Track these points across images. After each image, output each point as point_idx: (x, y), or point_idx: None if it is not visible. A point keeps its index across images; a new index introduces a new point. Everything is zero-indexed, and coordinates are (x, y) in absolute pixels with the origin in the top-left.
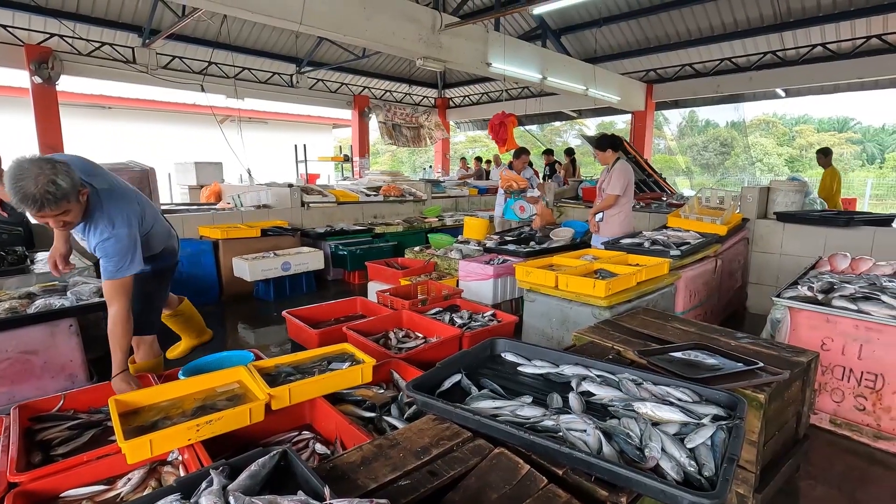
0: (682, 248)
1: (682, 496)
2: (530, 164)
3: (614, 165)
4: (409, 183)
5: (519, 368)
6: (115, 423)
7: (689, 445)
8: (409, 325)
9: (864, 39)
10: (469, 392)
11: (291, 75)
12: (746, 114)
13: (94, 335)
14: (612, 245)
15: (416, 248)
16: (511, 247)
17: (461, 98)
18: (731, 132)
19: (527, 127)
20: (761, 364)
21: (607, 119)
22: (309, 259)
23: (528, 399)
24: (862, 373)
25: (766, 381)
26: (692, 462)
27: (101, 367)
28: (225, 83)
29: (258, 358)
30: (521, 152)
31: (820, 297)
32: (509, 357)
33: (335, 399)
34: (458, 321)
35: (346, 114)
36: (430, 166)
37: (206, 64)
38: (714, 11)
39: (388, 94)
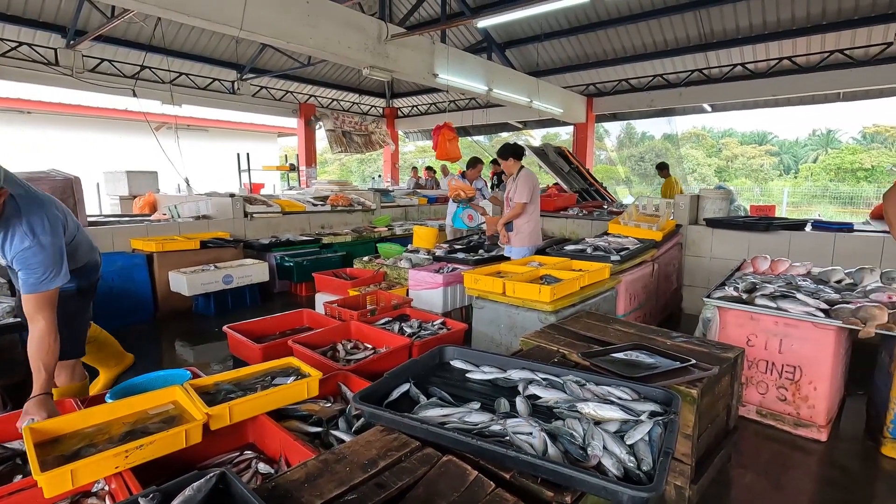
0: (622, 253)
1: (622, 491)
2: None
3: (519, 174)
4: (357, 192)
5: (467, 375)
6: (30, 453)
7: (629, 442)
8: (357, 336)
9: (777, 61)
10: (418, 401)
11: (233, 82)
12: (678, 127)
13: (10, 359)
14: (557, 252)
15: (366, 258)
16: (460, 255)
17: (409, 108)
18: (666, 144)
19: (475, 138)
20: (694, 361)
21: (553, 130)
22: (252, 271)
23: (476, 405)
24: (783, 366)
25: (698, 377)
26: (632, 458)
27: (17, 394)
28: (160, 88)
29: (196, 376)
30: (476, 162)
31: (744, 296)
32: (458, 364)
33: (280, 416)
34: (408, 330)
35: (292, 122)
36: (379, 176)
37: (139, 68)
38: (646, 31)
39: (335, 102)
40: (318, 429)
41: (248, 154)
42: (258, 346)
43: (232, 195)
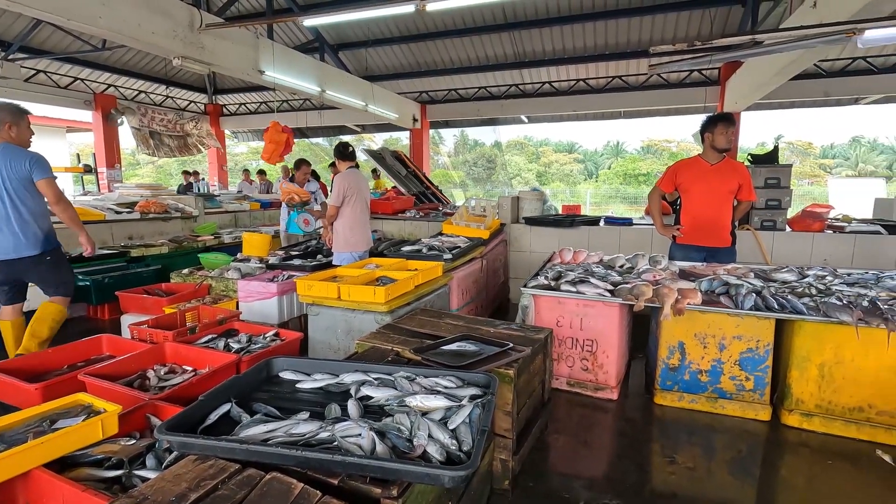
0: (454, 251)
1: (442, 474)
2: (317, 177)
3: (336, 175)
4: (175, 197)
5: (297, 385)
6: None
7: (451, 426)
8: (174, 359)
9: (575, 81)
10: (240, 421)
11: None
12: (504, 136)
13: None
14: (394, 253)
15: (185, 271)
16: (296, 262)
17: (236, 105)
18: (494, 150)
19: (313, 140)
20: (511, 345)
21: (395, 135)
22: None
23: (305, 415)
24: (584, 340)
25: (514, 359)
26: (454, 441)
27: None
28: None
29: None
30: (301, 163)
31: (552, 284)
32: (287, 375)
33: (66, 465)
34: (235, 346)
35: (86, 115)
36: (204, 179)
37: None
38: (470, 46)
39: (142, 95)
40: (119, 471)
41: None
42: (34, 386)
43: None
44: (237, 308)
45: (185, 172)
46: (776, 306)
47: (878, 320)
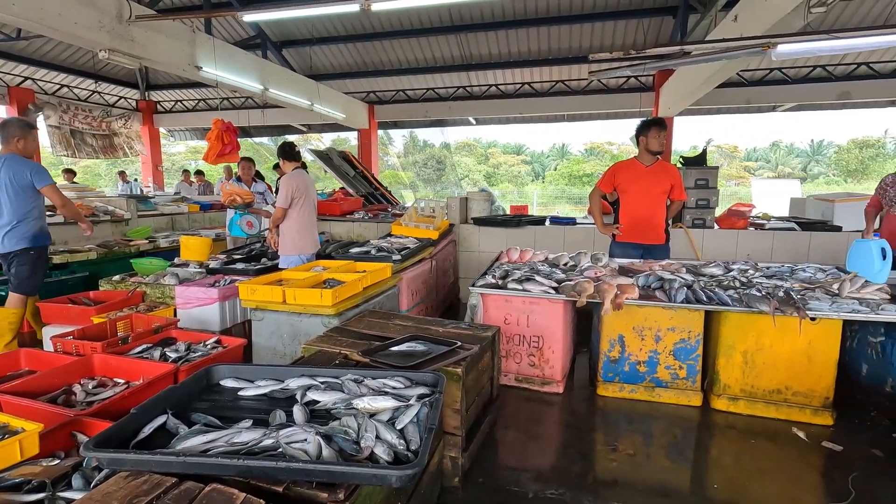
0: (403, 252)
1: (389, 474)
2: (261, 178)
3: (282, 176)
4: (104, 199)
5: (240, 393)
6: None
7: (399, 426)
8: (104, 371)
9: (521, 85)
10: (177, 433)
11: None
12: (452, 137)
13: None
14: (342, 255)
15: (116, 278)
16: (240, 265)
17: (172, 102)
18: (444, 152)
19: (257, 139)
20: (459, 343)
21: (343, 135)
22: None
23: (248, 423)
24: (530, 337)
25: (462, 357)
26: (401, 441)
27: None
28: None
29: None
30: (243, 161)
31: (500, 282)
32: (229, 383)
33: None
34: (173, 355)
35: None
36: (136, 180)
37: None
38: (417, 46)
39: (64, 89)
40: (40, 495)
41: None
42: None
43: None
44: (175, 315)
45: (122, 173)
46: (705, 299)
47: (791, 309)
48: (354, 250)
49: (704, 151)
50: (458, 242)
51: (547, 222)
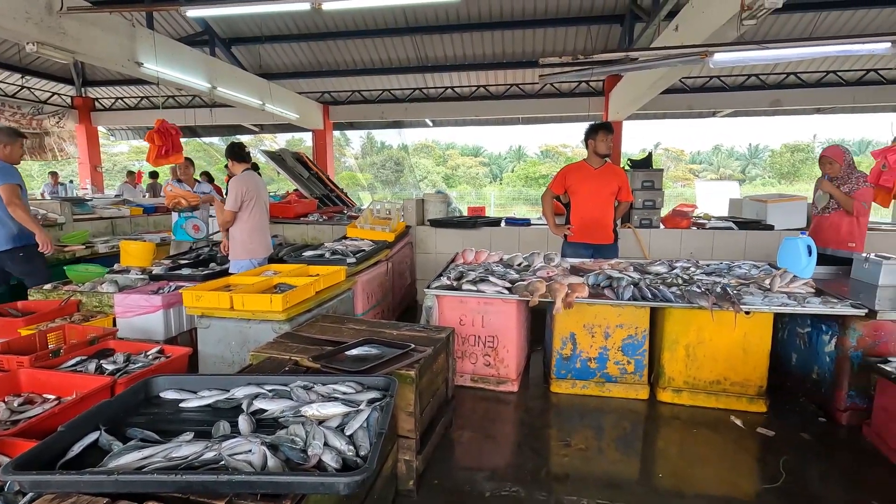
0: (358, 255)
1: (337, 482)
2: (210, 179)
3: (232, 178)
4: (35, 203)
5: (182, 405)
6: None
7: (348, 432)
8: (31, 387)
9: (476, 87)
10: (110, 450)
11: None
12: (410, 138)
13: None
14: (295, 259)
15: (48, 287)
16: (186, 271)
17: (112, 100)
18: (402, 153)
19: (206, 139)
20: (413, 346)
21: (298, 136)
22: None
23: (189, 436)
24: (485, 337)
25: (416, 360)
26: (351, 447)
27: None
28: None
29: None
30: (184, 162)
31: (455, 284)
32: (170, 395)
33: None
34: (110, 368)
35: None
36: (72, 181)
37: None
38: (373, 47)
39: None
40: None
41: None
42: None
43: None
44: (114, 325)
45: (54, 174)
46: (650, 296)
47: (728, 304)
48: (308, 253)
49: (650, 155)
50: (415, 244)
51: (503, 223)
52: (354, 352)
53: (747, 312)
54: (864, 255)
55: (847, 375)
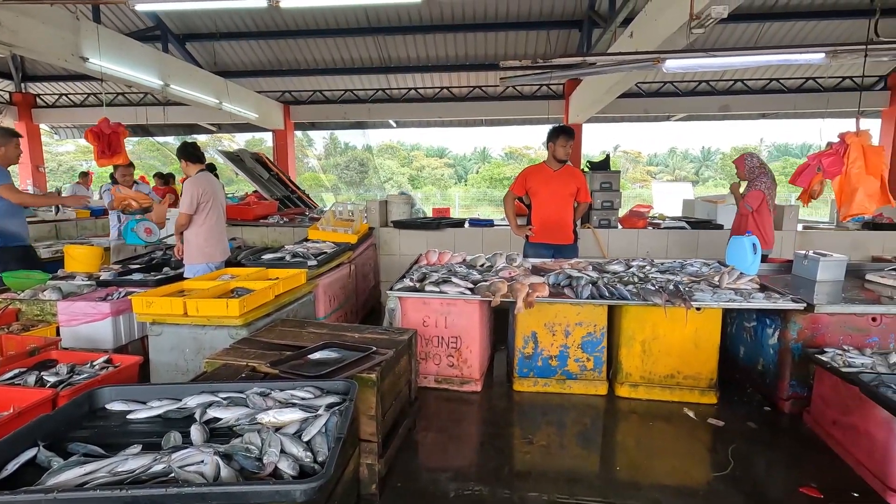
0: (319, 257)
1: (293, 489)
2: (167, 182)
3: (187, 180)
4: None
5: (129, 417)
6: None
7: (306, 438)
8: None
9: (440, 89)
10: (49, 467)
11: None
12: (374, 139)
13: None
14: (254, 262)
15: None
16: (137, 276)
17: (56, 96)
18: (366, 154)
19: (160, 139)
20: (374, 349)
21: (258, 136)
22: None
23: (136, 449)
24: (449, 338)
25: (377, 363)
26: (308, 453)
27: None
28: None
29: None
30: (122, 167)
31: (418, 285)
32: (117, 407)
33: None
34: (52, 380)
35: None
36: None
37: None
38: (335, 47)
39: None
40: None
41: None
42: None
43: None
44: (57, 335)
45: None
46: (607, 294)
47: (680, 300)
48: (267, 256)
49: (608, 157)
50: (378, 246)
51: (466, 224)
52: (314, 356)
53: (698, 308)
54: (803, 252)
55: (789, 366)
